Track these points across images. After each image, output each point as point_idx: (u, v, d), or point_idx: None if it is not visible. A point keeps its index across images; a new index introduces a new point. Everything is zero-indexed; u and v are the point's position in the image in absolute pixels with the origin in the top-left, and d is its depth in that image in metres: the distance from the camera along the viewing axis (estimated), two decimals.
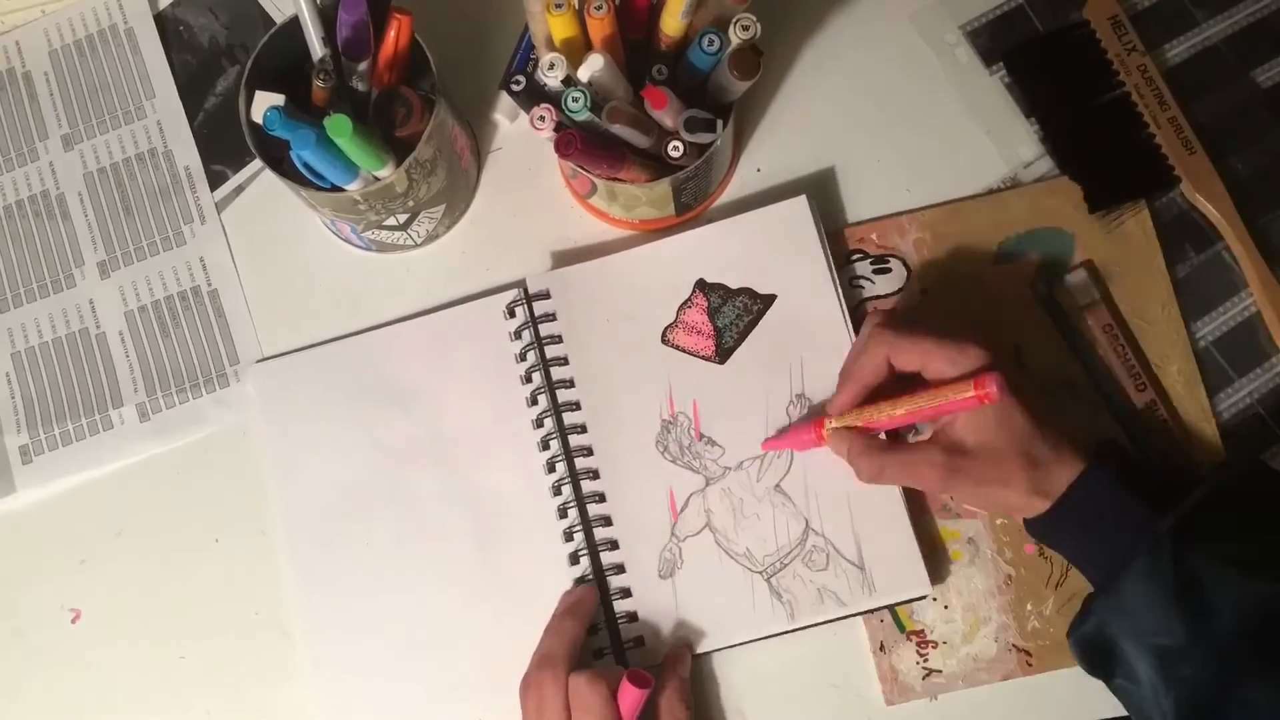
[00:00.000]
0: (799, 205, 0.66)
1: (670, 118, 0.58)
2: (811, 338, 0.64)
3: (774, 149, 0.70)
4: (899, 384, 0.58)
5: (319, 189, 0.61)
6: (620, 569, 0.62)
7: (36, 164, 0.73)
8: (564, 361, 0.65)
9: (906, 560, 0.60)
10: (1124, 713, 0.57)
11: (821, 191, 0.68)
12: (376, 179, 0.61)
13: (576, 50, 0.59)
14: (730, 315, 0.65)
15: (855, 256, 0.67)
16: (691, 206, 0.68)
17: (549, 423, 0.65)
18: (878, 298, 0.66)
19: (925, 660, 0.61)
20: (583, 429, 0.64)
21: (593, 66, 0.56)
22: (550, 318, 0.66)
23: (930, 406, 0.55)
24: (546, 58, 0.56)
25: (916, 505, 0.62)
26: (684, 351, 0.65)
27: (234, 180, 0.72)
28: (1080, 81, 0.68)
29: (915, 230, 0.67)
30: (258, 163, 0.70)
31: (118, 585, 0.67)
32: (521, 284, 0.67)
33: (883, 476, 0.58)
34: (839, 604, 0.61)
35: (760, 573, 0.62)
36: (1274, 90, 0.68)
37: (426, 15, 0.62)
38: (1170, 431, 0.62)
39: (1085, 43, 0.69)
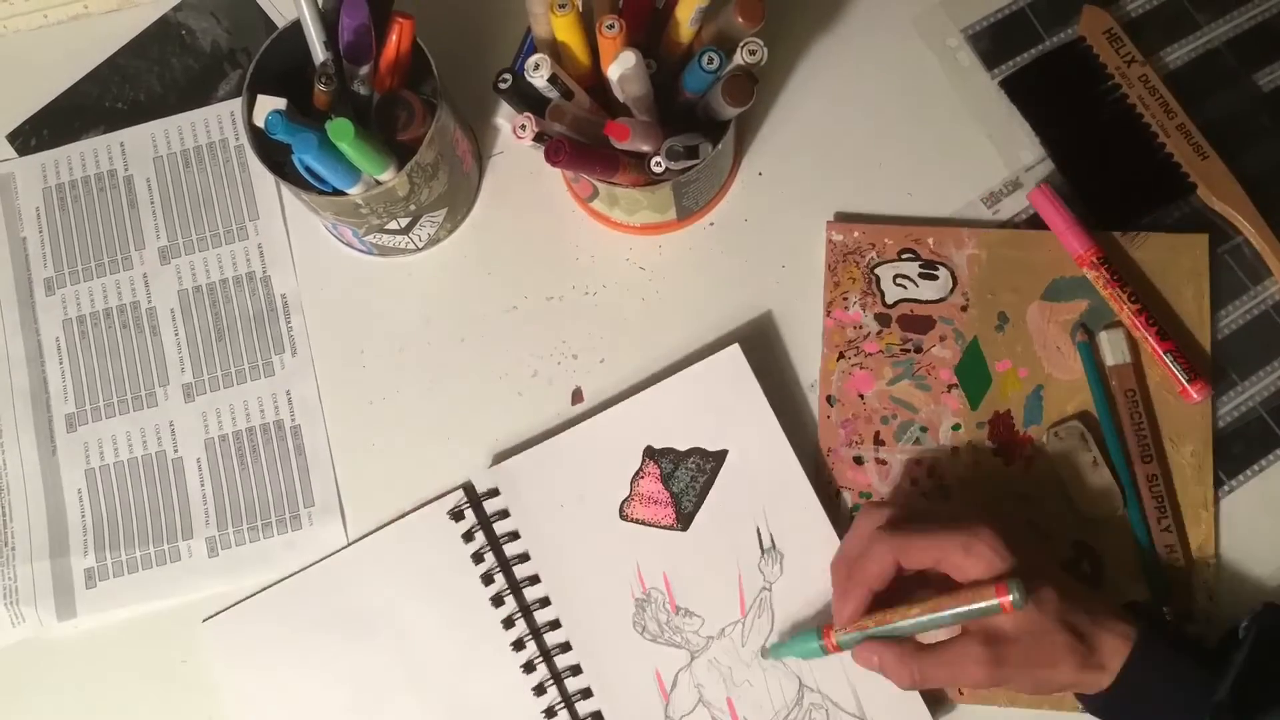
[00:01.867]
0: (733, 355, 0.64)
1: (646, 143, 0.58)
2: (770, 488, 0.63)
3: (776, 152, 0.70)
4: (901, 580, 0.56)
5: (320, 193, 0.61)
6: None
7: (130, 273, 0.70)
8: (525, 558, 0.63)
9: (905, 700, 0.59)
10: None
11: (822, 194, 0.68)
12: (378, 183, 0.61)
13: (579, 53, 0.59)
14: (685, 479, 0.63)
15: (906, 255, 0.66)
16: (694, 210, 0.68)
17: (521, 623, 0.62)
18: (918, 302, 0.65)
19: None
20: (556, 624, 0.62)
21: (624, 64, 0.55)
22: (503, 514, 0.64)
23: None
24: (532, 59, 0.55)
25: None
26: (644, 524, 0.63)
27: None
28: (1082, 99, 0.68)
29: (973, 245, 0.66)
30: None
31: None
32: (465, 485, 0.65)
33: (926, 682, 0.54)
34: None
35: None
36: (1276, 93, 0.68)
37: (428, 19, 0.62)
38: (1164, 511, 0.61)
39: (1083, 59, 0.69)
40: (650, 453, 0.64)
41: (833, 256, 0.66)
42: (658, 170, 0.59)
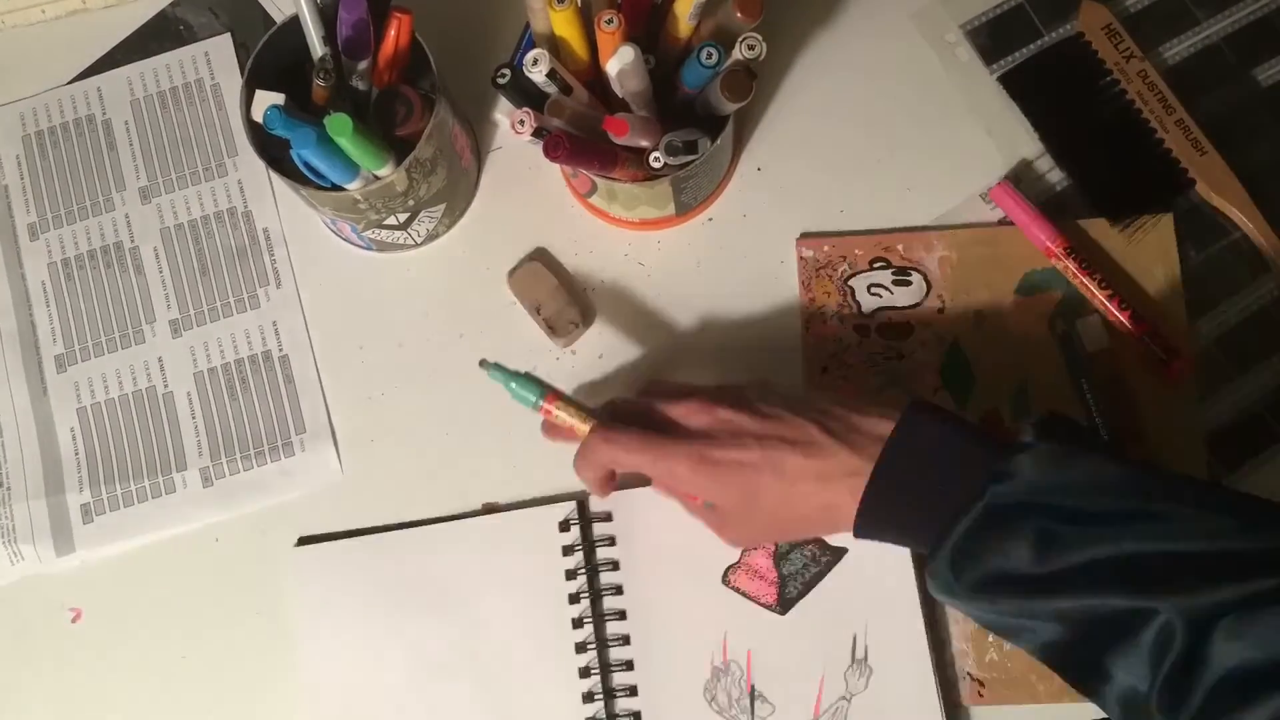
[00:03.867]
0: None
1: (644, 138, 0.58)
2: (879, 600, 0.61)
3: (774, 147, 0.70)
4: None
5: (319, 188, 0.61)
6: None
7: (112, 214, 0.71)
8: (617, 591, 0.62)
9: None
10: None
11: (820, 190, 0.68)
12: (377, 178, 0.61)
13: (578, 48, 0.59)
14: (798, 564, 0.62)
15: (877, 264, 0.66)
16: (692, 206, 0.68)
17: (592, 650, 0.61)
18: (895, 309, 0.65)
19: None
20: (629, 665, 0.61)
21: (623, 59, 0.55)
22: (609, 541, 0.63)
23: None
24: (531, 54, 0.55)
25: None
26: (745, 596, 0.62)
27: None
28: (1081, 95, 0.68)
29: (942, 247, 0.66)
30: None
31: (119, 584, 0.67)
32: (580, 498, 0.64)
33: (614, 455, 0.56)
34: None
35: None
36: (1275, 89, 0.68)
37: (427, 14, 0.62)
38: None
39: (1081, 55, 0.69)
40: None
41: (805, 273, 0.66)
42: (656, 165, 0.59)
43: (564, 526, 0.63)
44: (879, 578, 0.61)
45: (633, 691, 0.61)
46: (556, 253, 0.69)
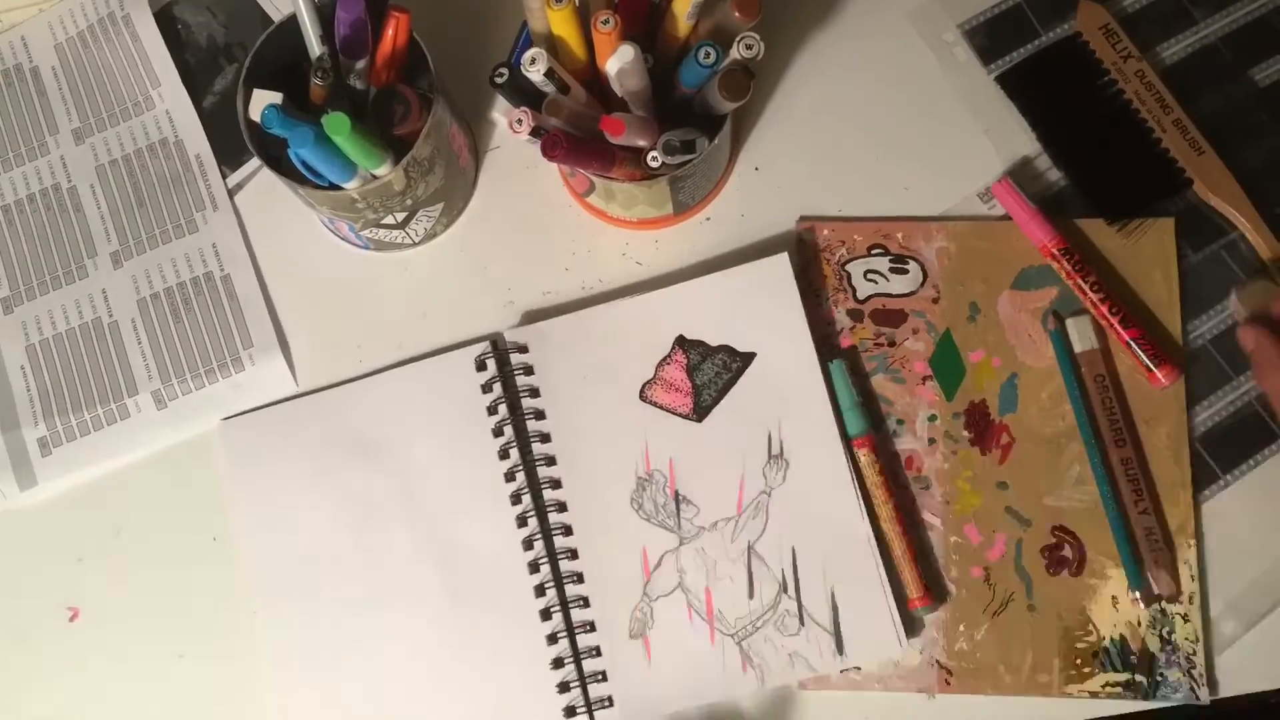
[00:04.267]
0: (780, 263, 0.65)
1: (642, 137, 0.58)
2: (790, 399, 0.64)
3: (772, 147, 0.70)
4: None
5: (317, 187, 0.61)
6: (591, 627, 0.62)
7: (48, 158, 0.73)
8: (540, 415, 0.65)
9: (880, 622, 0.61)
10: None
11: (817, 189, 0.68)
12: (375, 177, 0.61)
13: (575, 47, 0.59)
14: (710, 373, 0.65)
15: (875, 250, 0.66)
16: (689, 205, 0.68)
17: (521, 477, 0.64)
18: (890, 296, 0.66)
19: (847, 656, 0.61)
20: (557, 484, 0.64)
21: (623, 58, 0.55)
22: (527, 370, 0.65)
23: None
24: (528, 53, 0.55)
25: (890, 561, 0.62)
26: (662, 408, 0.65)
27: (232, 179, 0.72)
28: (1079, 95, 0.68)
29: (941, 238, 0.66)
30: (255, 161, 0.70)
31: (116, 583, 0.67)
32: (495, 336, 0.67)
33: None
34: (809, 668, 0.61)
35: (731, 635, 0.62)
36: (1272, 89, 0.68)
37: (425, 13, 0.62)
38: (1141, 494, 0.62)
39: (1079, 55, 0.69)
40: (681, 341, 0.65)
41: (803, 256, 0.67)
42: (654, 165, 0.59)
43: (480, 365, 0.66)
44: (788, 377, 0.64)
45: (562, 507, 0.63)
46: (555, 252, 0.69)
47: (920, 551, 0.62)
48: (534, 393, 0.65)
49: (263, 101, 0.58)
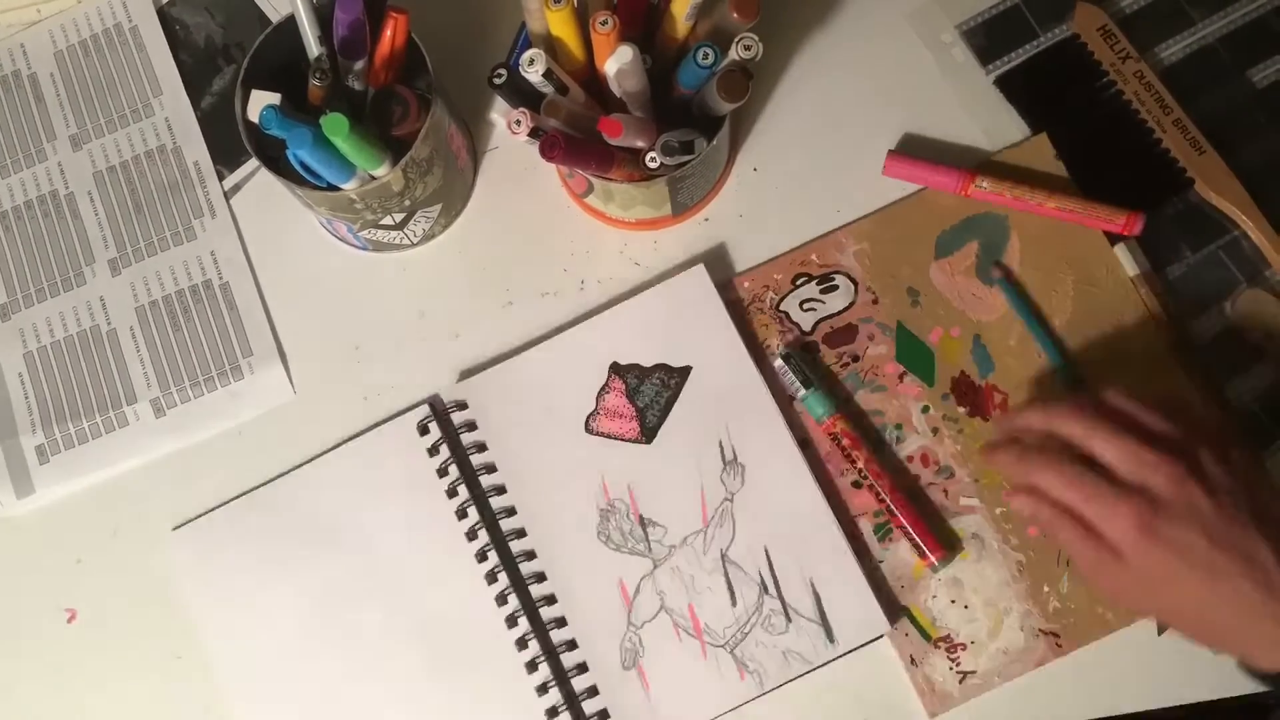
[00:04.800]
0: (698, 275, 0.66)
1: (640, 138, 0.58)
2: (733, 403, 0.64)
3: (770, 147, 0.70)
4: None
5: (315, 188, 0.61)
6: (582, 668, 0.62)
7: (45, 164, 0.73)
8: (491, 469, 0.64)
9: (861, 604, 0.61)
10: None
11: (816, 189, 0.68)
12: (373, 178, 0.61)
13: (574, 48, 0.59)
14: (650, 394, 0.65)
15: (800, 280, 0.67)
16: (689, 205, 0.68)
17: (483, 534, 0.63)
18: (832, 316, 0.66)
19: (958, 664, 0.61)
20: (521, 533, 0.64)
21: (621, 59, 0.55)
22: (470, 426, 0.65)
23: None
24: (527, 54, 0.55)
25: (861, 544, 0.63)
26: (610, 437, 0.65)
27: (230, 180, 0.72)
28: (1078, 96, 0.68)
29: (853, 243, 0.67)
30: (253, 162, 0.70)
31: (113, 585, 0.67)
32: (432, 399, 0.66)
33: (1030, 471, 0.54)
34: (804, 663, 0.61)
35: (723, 646, 0.62)
36: (1270, 90, 0.68)
37: (423, 14, 0.62)
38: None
39: (1078, 56, 0.69)
40: (616, 368, 0.66)
41: (736, 316, 0.66)
42: (653, 166, 0.59)
43: (423, 429, 0.65)
44: (727, 382, 0.64)
45: (530, 556, 0.63)
46: (553, 253, 0.69)
47: (923, 511, 0.62)
48: (481, 447, 0.65)
49: (261, 102, 0.58)
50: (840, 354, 0.66)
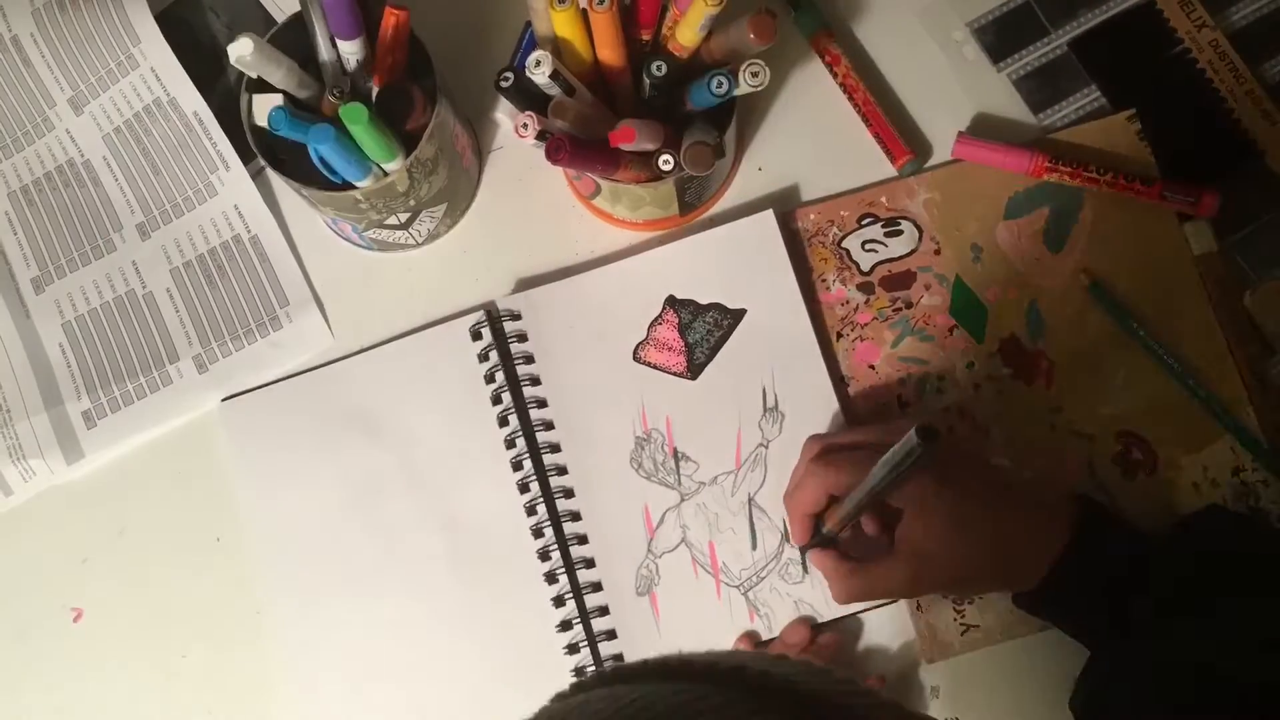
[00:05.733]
0: (765, 219, 0.66)
1: (649, 141, 0.57)
2: (782, 351, 0.64)
3: (776, 147, 0.69)
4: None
5: (323, 188, 0.61)
6: (597, 587, 0.62)
7: (54, 133, 0.72)
8: (536, 381, 0.65)
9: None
10: None
11: (819, 189, 0.68)
12: (385, 174, 0.61)
13: (580, 48, 0.59)
14: (701, 331, 0.65)
15: (865, 220, 0.66)
16: (695, 206, 0.67)
17: (521, 443, 0.64)
18: (893, 260, 0.66)
19: (962, 616, 0.61)
20: (556, 448, 0.64)
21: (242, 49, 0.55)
22: (521, 338, 0.66)
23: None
24: (533, 56, 0.55)
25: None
26: (656, 368, 0.65)
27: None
28: (1152, 63, 0.68)
29: (924, 190, 0.66)
30: (258, 162, 0.70)
31: (120, 584, 0.67)
32: (489, 305, 0.67)
33: (855, 599, 0.58)
34: (814, 614, 0.62)
35: (737, 587, 0.62)
36: None
37: (428, 14, 0.62)
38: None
39: (1154, 22, 0.68)
40: (671, 301, 0.66)
41: (795, 248, 0.66)
42: (666, 168, 0.58)
43: (475, 334, 0.66)
44: (778, 331, 0.65)
45: (562, 471, 0.64)
46: (558, 253, 0.69)
47: (896, 114, 0.65)
48: (529, 359, 0.65)
49: (264, 105, 0.58)
50: (894, 298, 0.65)
